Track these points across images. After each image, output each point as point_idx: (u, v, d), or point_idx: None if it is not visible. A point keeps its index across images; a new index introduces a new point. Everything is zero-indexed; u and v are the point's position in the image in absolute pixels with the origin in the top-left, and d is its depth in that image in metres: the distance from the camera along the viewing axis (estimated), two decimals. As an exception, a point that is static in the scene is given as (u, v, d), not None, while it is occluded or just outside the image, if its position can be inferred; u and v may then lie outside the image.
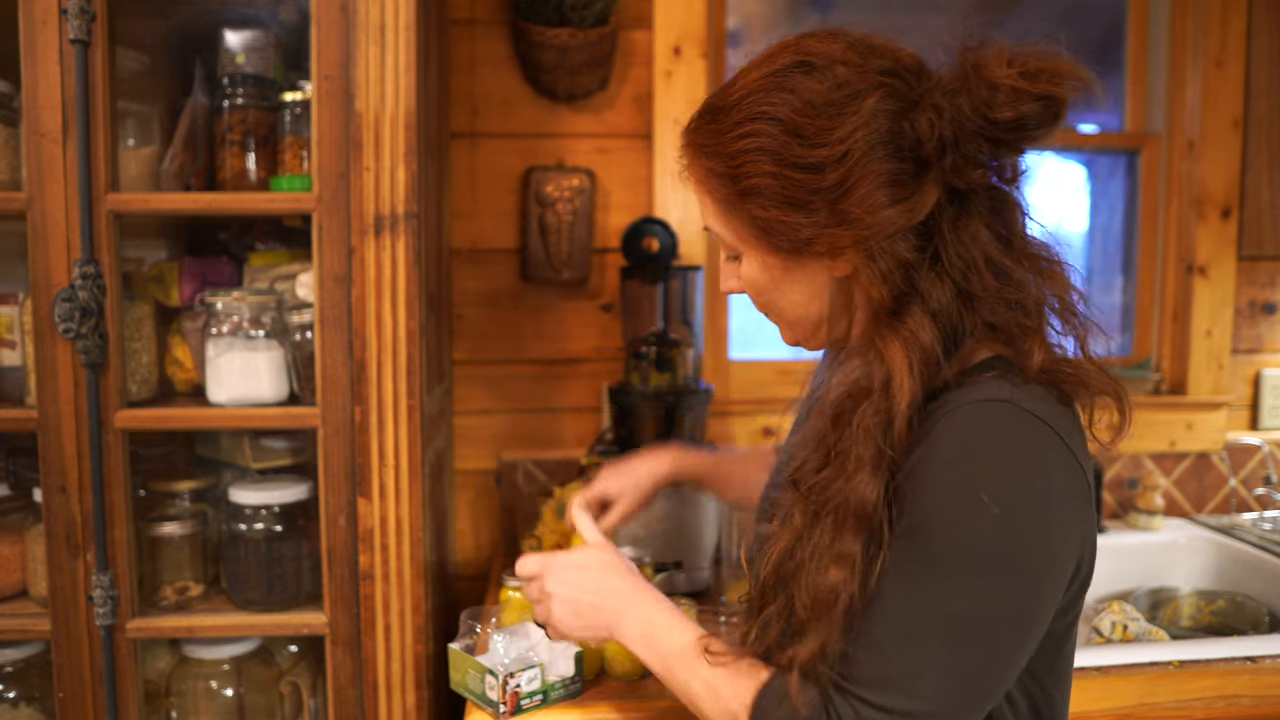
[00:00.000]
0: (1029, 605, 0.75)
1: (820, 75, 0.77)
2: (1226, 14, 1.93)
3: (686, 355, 1.61)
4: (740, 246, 0.85)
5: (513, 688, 1.12)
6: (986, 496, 0.71)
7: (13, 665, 1.31)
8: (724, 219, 0.84)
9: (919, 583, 0.74)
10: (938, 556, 0.73)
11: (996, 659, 0.75)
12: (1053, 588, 0.76)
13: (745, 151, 0.79)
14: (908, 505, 0.75)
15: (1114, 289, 2.16)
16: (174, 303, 1.39)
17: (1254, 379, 2.06)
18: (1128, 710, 1.26)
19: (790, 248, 0.80)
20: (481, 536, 1.87)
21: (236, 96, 1.31)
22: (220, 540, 1.37)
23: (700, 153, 0.83)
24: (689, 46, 1.80)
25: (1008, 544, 0.72)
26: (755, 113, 0.78)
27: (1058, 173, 2.17)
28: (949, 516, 0.73)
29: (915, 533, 0.74)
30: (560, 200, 1.78)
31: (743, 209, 0.81)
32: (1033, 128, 0.75)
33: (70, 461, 1.20)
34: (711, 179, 0.83)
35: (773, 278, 0.84)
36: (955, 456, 0.74)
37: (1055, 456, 0.75)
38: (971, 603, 0.73)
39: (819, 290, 0.84)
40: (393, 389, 1.23)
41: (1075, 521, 0.76)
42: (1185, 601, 1.76)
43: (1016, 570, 0.73)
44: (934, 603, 0.73)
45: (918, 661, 0.73)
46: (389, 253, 1.21)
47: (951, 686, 0.73)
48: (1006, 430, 0.74)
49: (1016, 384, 0.77)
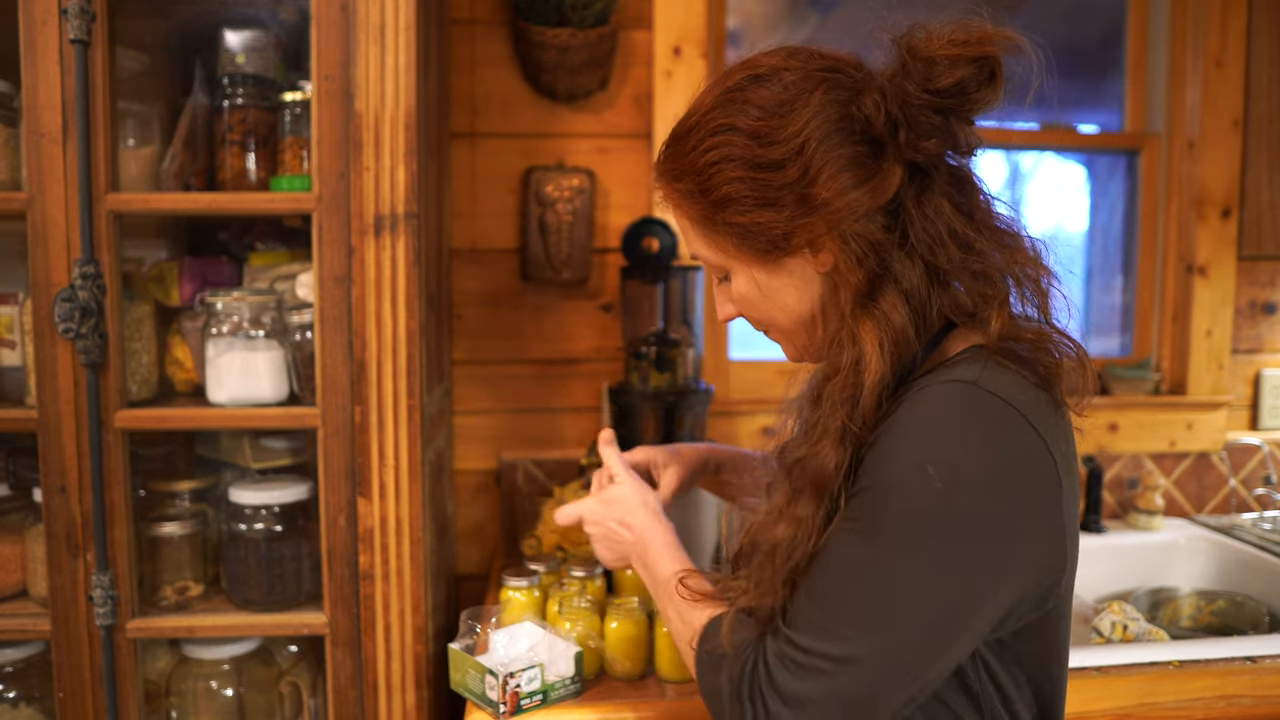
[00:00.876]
0: (965, 583, 0.75)
1: (769, 82, 0.83)
2: (1226, 14, 1.93)
3: (686, 355, 1.61)
4: (725, 262, 0.89)
5: (513, 688, 1.12)
6: (932, 469, 0.73)
7: (13, 665, 1.31)
8: (705, 236, 0.88)
9: (858, 541, 0.77)
10: (878, 520, 0.76)
11: (924, 631, 0.75)
12: (998, 571, 0.76)
13: (712, 164, 0.84)
14: (864, 470, 0.78)
15: (1114, 289, 2.16)
16: (174, 303, 1.39)
17: (1254, 379, 2.06)
18: (1128, 710, 1.26)
19: (770, 248, 0.84)
20: (481, 536, 1.87)
21: (236, 96, 1.31)
22: (220, 540, 1.37)
23: (671, 178, 0.88)
24: (689, 46, 1.80)
25: (946, 518, 0.74)
26: (714, 126, 0.84)
27: (1058, 173, 2.17)
28: (893, 483, 0.75)
29: (863, 495, 0.78)
30: (560, 200, 1.78)
31: (719, 220, 0.85)
32: (973, 90, 0.78)
33: (70, 461, 1.20)
34: (686, 200, 0.87)
35: (761, 287, 0.87)
36: (910, 430, 0.76)
37: (1016, 439, 0.75)
38: (904, 571, 0.75)
39: (806, 287, 0.86)
40: (393, 389, 1.23)
41: (1035, 507, 0.76)
42: (1185, 601, 1.76)
43: (953, 545, 0.74)
44: (867, 561, 0.76)
45: (845, 612, 0.76)
46: (389, 253, 1.21)
47: (873, 645, 0.75)
48: (966, 409, 0.76)
49: (989, 370, 0.78)
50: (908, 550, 0.75)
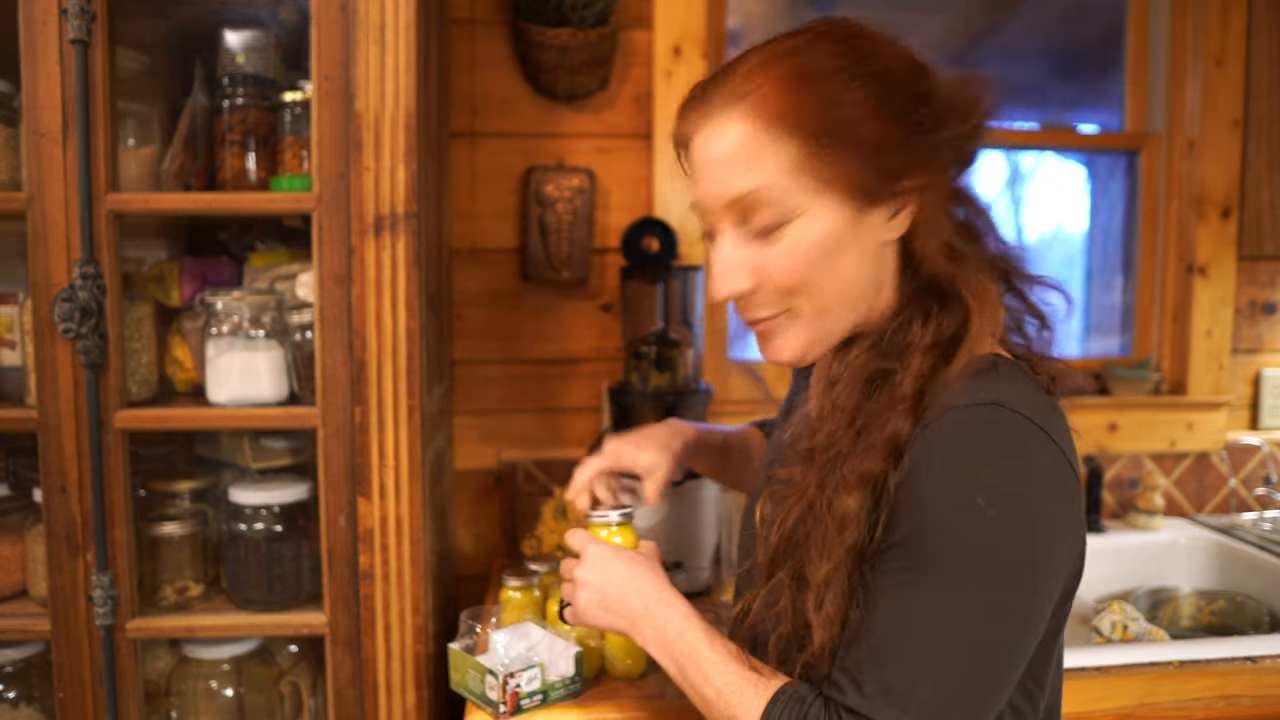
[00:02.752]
0: (1026, 608, 0.75)
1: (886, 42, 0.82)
2: (1226, 14, 1.93)
3: (686, 355, 1.61)
4: (801, 203, 0.79)
5: (513, 688, 1.12)
6: (982, 500, 0.71)
7: (13, 665, 1.31)
8: (799, 163, 0.78)
9: (917, 590, 0.73)
10: (934, 564, 0.73)
11: (996, 665, 0.75)
12: (1047, 588, 0.76)
13: (843, 78, 0.78)
14: (903, 515, 0.74)
15: (1114, 289, 2.16)
16: (174, 303, 1.39)
17: (1254, 379, 2.06)
18: (1128, 710, 1.26)
19: (879, 184, 0.79)
20: (481, 536, 1.87)
21: (236, 96, 1.31)
22: (220, 540, 1.37)
23: (779, 85, 0.78)
24: (689, 46, 1.80)
25: (1004, 548, 0.72)
26: (839, 49, 0.79)
27: (1058, 173, 2.17)
28: (943, 523, 0.72)
29: (911, 541, 0.74)
30: (560, 200, 1.78)
31: (836, 141, 0.77)
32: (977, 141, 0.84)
33: (70, 461, 1.20)
34: (794, 113, 0.78)
35: (834, 240, 0.79)
36: (946, 463, 0.73)
37: (1045, 456, 0.75)
38: (969, 609, 0.72)
39: (869, 257, 0.82)
40: (393, 389, 1.23)
41: (1068, 520, 0.77)
42: (1185, 601, 1.76)
43: (1014, 574, 0.73)
44: (932, 610, 0.73)
45: (922, 669, 0.73)
46: (389, 253, 1.21)
47: (949, 695, 0.73)
48: (996, 433, 0.74)
49: (1005, 385, 0.77)
50: (974, 588, 0.72)
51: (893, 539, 0.75)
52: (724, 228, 0.83)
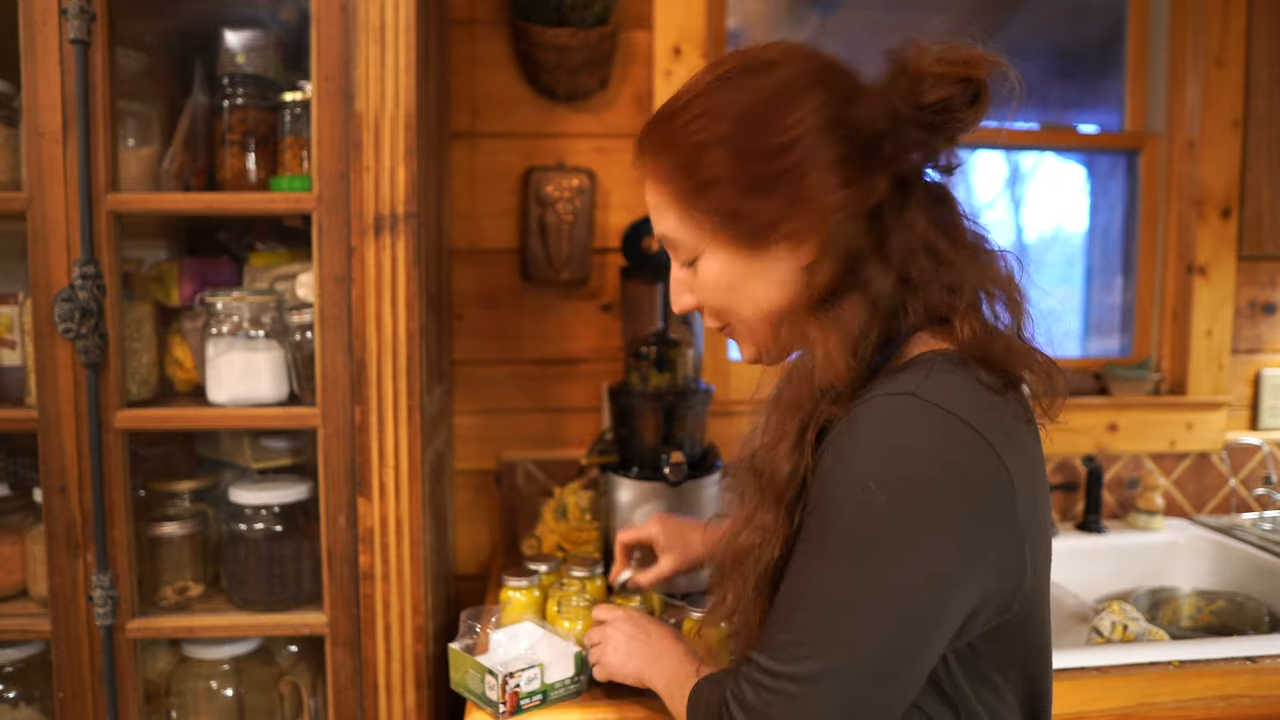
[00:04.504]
0: (916, 591, 0.75)
1: (765, 74, 0.83)
2: (1226, 14, 1.93)
3: (686, 355, 1.61)
4: (700, 245, 0.87)
5: (512, 688, 1.12)
6: (873, 484, 0.74)
7: (13, 665, 1.31)
8: (684, 215, 0.87)
9: (810, 562, 0.79)
10: (826, 539, 0.77)
11: (882, 641, 0.76)
12: (950, 577, 0.75)
13: (703, 144, 0.83)
14: (815, 490, 0.80)
15: (1114, 289, 2.16)
16: (174, 303, 1.39)
17: (1254, 379, 2.06)
18: (1128, 710, 1.26)
19: (755, 234, 0.84)
20: (481, 536, 1.87)
21: (236, 96, 1.31)
22: (220, 540, 1.37)
23: (659, 150, 0.87)
24: (689, 46, 1.80)
25: (891, 530, 0.74)
26: (708, 108, 0.84)
27: (1058, 173, 2.17)
28: (836, 502, 0.77)
29: (812, 516, 0.79)
30: (560, 200, 1.78)
31: (704, 200, 0.84)
32: (958, 109, 0.80)
33: (70, 461, 1.20)
34: (672, 176, 0.86)
35: (734, 276, 0.86)
36: (855, 445, 0.77)
37: (956, 446, 0.75)
38: (853, 584, 0.76)
39: (779, 282, 0.86)
40: (393, 389, 1.23)
41: (983, 511, 0.76)
42: (1185, 601, 1.76)
43: (901, 556, 0.74)
44: (821, 581, 0.77)
45: (805, 632, 0.77)
46: (389, 253, 1.21)
47: (835, 662, 0.76)
48: (904, 421, 0.76)
49: (932, 378, 0.78)
50: (857, 565, 0.75)
51: (806, 517, 0.81)
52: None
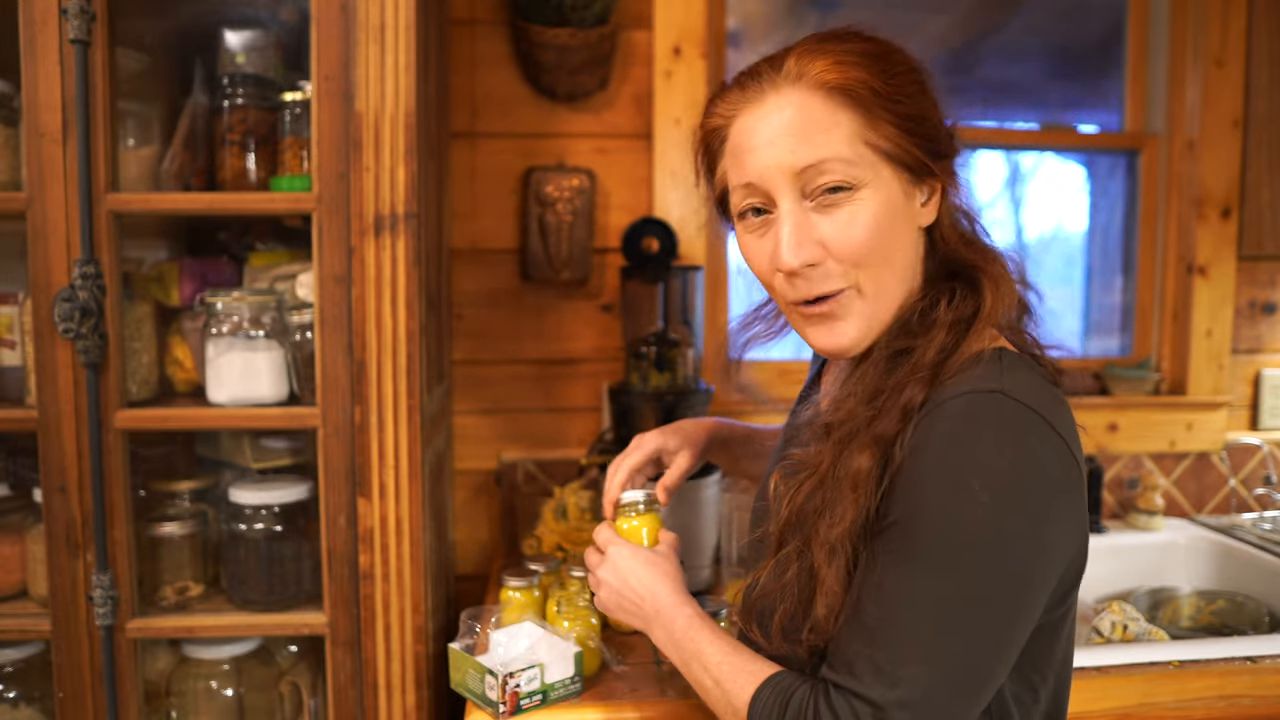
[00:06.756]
0: (1018, 594, 0.75)
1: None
2: (1226, 14, 1.93)
3: (686, 355, 1.61)
4: (864, 174, 0.81)
5: (512, 688, 1.12)
6: (976, 485, 0.73)
7: (13, 665, 1.31)
8: (864, 129, 0.82)
9: (909, 573, 0.75)
10: (928, 546, 0.74)
11: (986, 648, 0.75)
12: (1043, 577, 0.77)
13: (897, 63, 0.84)
14: (898, 496, 0.76)
15: (1114, 289, 2.16)
16: (174, 303, 1.39)
17: (1254, 379, 2.05)
18: (1128, 710, 1.26)
19: (928, 153, 0.84)
20: (481, 536, 1.87)
21: (236, 96, 1.31)
22: (220, 540, 1.37)
23: (851, 58, 0.82)
24: (689, 46, 1.80)
25: (997, 533, 0.73)
26: (895, 48, 0.86)
27: (1058, 173, 2.17)
28: (938, 505, 0.74)
29: (906, 523, 0.76)
30: (560, 200, 1.78)
31: (897, 105, 0.82)
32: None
33: (70, 461, 1.20)
34: (869, 82, 0.82)
35: (889, 214, 0.83)
36: (945, 446, 0.75)
37: (1045, 445, 0.76)
38: (961, 592, 0.74)
39: (913, 238, 0.87)
40: (393, 389, 1.23)
41: (1068, 510, 0.77)
42: (1185, 601, 1.76)
43: (1005, 559, 0.74)
44: (924, 592, 0.74)
45: (912, 650, 0.74)
46: (389, 253, 1.21)
47: (948, 676, 0.74)
48: (997, 420, 0.75)
49: (1011, 376, 0.78)
50: (964, 570, 0.73)
51: (889, 520, 0.77)
52: (785, 203, 0.84)
